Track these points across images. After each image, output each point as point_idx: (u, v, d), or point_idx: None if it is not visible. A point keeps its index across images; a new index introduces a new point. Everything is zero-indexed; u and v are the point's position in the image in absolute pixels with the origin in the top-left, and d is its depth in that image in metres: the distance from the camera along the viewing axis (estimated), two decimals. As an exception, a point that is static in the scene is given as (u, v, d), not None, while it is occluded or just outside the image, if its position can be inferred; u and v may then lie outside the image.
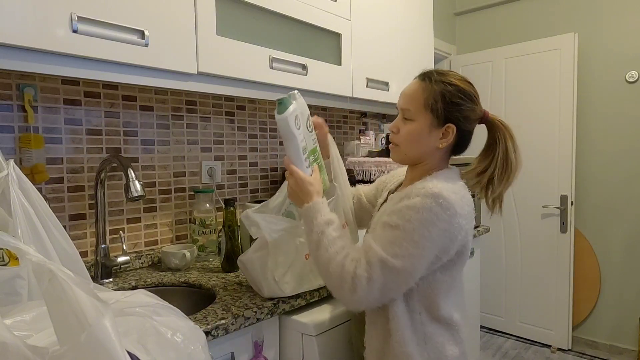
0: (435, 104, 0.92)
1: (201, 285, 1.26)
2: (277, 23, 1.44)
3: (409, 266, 0.83)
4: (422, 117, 0.93)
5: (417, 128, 0.94)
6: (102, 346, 0.44)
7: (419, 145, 0.95)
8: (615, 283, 2.69)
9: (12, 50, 0.90)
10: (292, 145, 0.94)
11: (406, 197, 0.87)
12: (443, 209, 0.83)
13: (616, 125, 2.65)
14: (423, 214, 0.83)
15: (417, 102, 0.93)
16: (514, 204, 2.94)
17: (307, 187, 0.94)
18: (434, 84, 0.93)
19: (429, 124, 0.93)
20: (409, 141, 0.95)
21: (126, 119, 1.42)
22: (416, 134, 0.94)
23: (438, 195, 0.84)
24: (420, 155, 0.96)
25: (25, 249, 0.51)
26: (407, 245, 0.83)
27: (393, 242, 0.84)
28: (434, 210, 0.83)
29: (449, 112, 0.92)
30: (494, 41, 3.09)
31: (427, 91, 0.93)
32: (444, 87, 0.92)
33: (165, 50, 1.12)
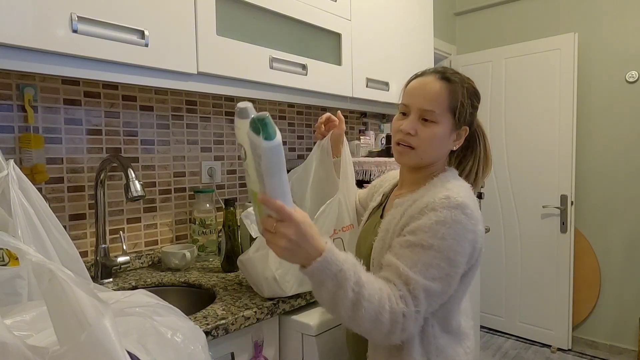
0: (461, 107, 0.88)
1: (201, 285, 1.26)
2: (277, 23, 1.44)
3: (447, 286, 0.80)
4: (446, 120, 0.88)
5: (441, 131, 0.88)
6: (102, 346, 0.44)
7: (439, 149, 0.91)
8: (615, 283, 2.69)
9: (12, 50, 0.90)
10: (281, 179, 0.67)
11: (430, 210, 0.81)
12: (469, 218, 0.80)
13: (616, 125, 2.65)
14: (455, 228, 0.79)
15: (443, 104, 0.88)
16: (514, 204, 2.94)
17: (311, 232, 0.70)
18: (457, 85, 0.89)
19: (450, 127, 0.89)
20: (431, 145, 0.89)
21: (126, 119, 1.42)
22: (440, 137, 0.89)
23: (465, 205, 0.81)
24: (435, 158, 0.92)
25: (25, 249, 0.51)
26: (444, 265, 0.78)
27: (430, 265, 0.78)
28: (463, 222, 0.80)
29: (467, 115, 0.90)
30: (494, 41, 3.09)
31: (452, 92, 0.88)
32: (464, 88, 0.90)
33: (165, 50, 1.12)
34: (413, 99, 0.90)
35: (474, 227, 0.81)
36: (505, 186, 2.97)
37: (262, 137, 0.63)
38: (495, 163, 2.99)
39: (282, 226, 0.67)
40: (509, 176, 2.95)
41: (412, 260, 0.78)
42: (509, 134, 2.93)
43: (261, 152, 0.64)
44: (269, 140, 0.63)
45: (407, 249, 0.80)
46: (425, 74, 0.93)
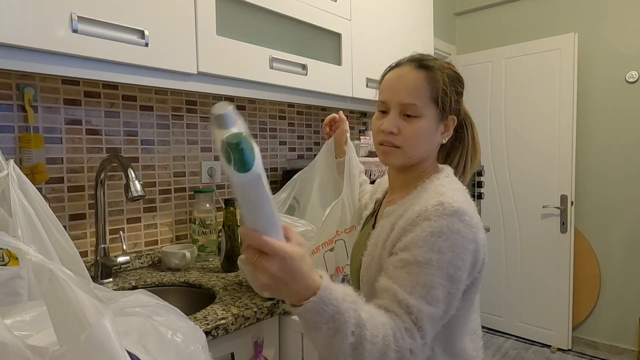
0: (444, 96, 0.80)
1: (201, 285, 1.26)
2: (277, 23, 1.44)
3: (448, 306, 0.71)
4: (430, 112, 0.80)
5: (426, 125, 0.80)
6: (102, 346, 0.44)
7: (427, 145, 0.83)
8: (615, 283, 2.69)
9: (12, 50, 0.90)
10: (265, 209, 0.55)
11: (423, 219, 0.72)
12: (468, 226, 0.71)
13: (616, 125, 2.65)
14: (453, 239, 0.70)
15: (424, 95, 0.79)
16: (514, 204, 2.94)
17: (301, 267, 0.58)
18: (437, 72, 0.80)
19: (435, 119, 0.81)
20: (417, 141, 0.81)
21: (126, 119, 1.42)
22: (426, 132, 0.80)
23: (462, 212, 0.71)
24: (425, 155, 0.84)
25: (25, 249, 0.51)
26: (445, 283, 0.69)
27: (431, 286, 0.68)
28: (462, 231, 0.70)
29: (452, 103, 0.82)
30: (494, 41, 3.09)
31: (432, 81, 0.80)
32: (445, 74, 0.81)
33: (165, 50, 1.12)
34: (391, 94, 0.82)
35: (475, 235, 0.72)
36: (505, 186, 2.97)
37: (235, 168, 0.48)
38: (495, 163, 3.00)
39: (264, 260, 0.56)
40: (509, 176, 2.95)
41: (410, 283, 0.69)
42: (509, 134, 2.93)
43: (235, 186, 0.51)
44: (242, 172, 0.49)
45: (403, 269, 0.71)
46: (401, 65, 0.85)
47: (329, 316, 0.60)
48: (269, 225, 0.55)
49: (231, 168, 0.48)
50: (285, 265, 0.56)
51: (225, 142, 0.47)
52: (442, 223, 0.70)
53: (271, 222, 0.56)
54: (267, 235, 0.55)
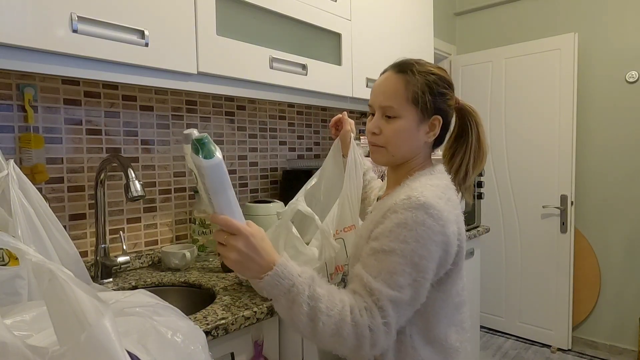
0: (423, 97, 0.84)
1: (201, 285, 1.26)
2: (277, 23, 1.44)
3: (415, 293, 0.74)
4: (409, 113, 0.85)
5: (405, 125, 0.86)
6: (102, 346, 0.44)
7: (408, 143, 0.87)
8: (615, 283, 2.69)
9: (12, 50, 0.90)
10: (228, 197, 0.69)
11: (392, 212, 0.77)
12: (434, 219, 0.75)
13: (616, 125, 2.65)
14: (418, 231, 0.74)
15: (401, 97, 0.85)
16: (514, 204, 2.94)
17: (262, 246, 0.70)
18: (416, 76, 0.85)
19: (416, 119, 0.86)
20: (398, 140, 0.87)
21: (126, 119, 1.42)
22: (405, 130, 0.86)
23: (428, 205, 0.75)
24: (409, 153, 0.89)
25: (25, 249, 0.51)
26: (410, 271, 0.73)
27: (394, 272, 0.73)
28: (426, 223, 0.74)
29: (434, 103, 0.86)
30: (494, 41, 3.09)
31: (411, 84, 0.85)
32: (427, 77, 0.86)
33: (165, 50, 1.12)
34: (374, 98, 0.90)
35: (442, 228, 0.75)
36: (505, 186, 2.97)
37: (202, 156, 0.65)
38: (495, 163, 3.00)
39: (232, 239, 0.68)
40: (509, 176, 2.95)
41: (376, 269, 0.74)
42: (509, 134, 2.93)
43: (203, 171, 0.66)
44: (208, 158, 0.65)
45: (372, 256, 0.76)
46: (386, 70, 0.91)
47: (285, 289, 0.69)
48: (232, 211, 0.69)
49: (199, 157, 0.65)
50: (249, 242, 0.68)
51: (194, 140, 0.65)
52: (408, 215, 0.75)
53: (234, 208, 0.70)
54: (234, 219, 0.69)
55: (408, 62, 0.89)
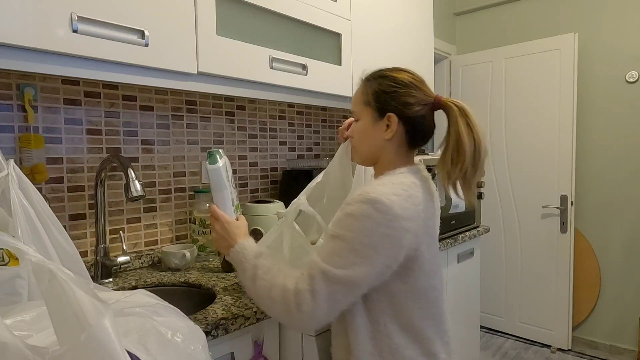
0: (373, 99, 0.94)
1: (201, 285, 1.26)
2: (277, 23, 1.44)
3: (353, 275, 0.79)
4: (364, 114, 0.96)
5: (362, 125, 0.96)
6: (102, 346, 0.44)
7: (368, 141, 0.96)
8: (615, 283, 2.69)
9: (12, 50, 0.90)
10: (223, 195, 0.97)
11: (346, 205, 0.84)
12: (381, 213, 0.80)
13: (616, 125, 2.65)
14: (362, 222, 0.80)
15: (359, 101, 0.97)
16: (514, 204, 2.94)
17: (233, 230, 0.93)
18: (371, 82, 0.96)
19: (371, 119, 0.95)
20: (360, 139, 0.97)
21: (126, 118, 1.42)
22: (362, 130, 0.96)
23: (376, 201, 0.80)
24: (373, 151, 0.96)
25: (25, 249, 0.51)
26: (349, 255, 0.79)
27: (334, 253, 0.80)
28: (372, 216, 0.80)
29: (385, 102, 0.92)
30: (494, 41, 3.09)
31: (366, 88, 0.96)
32: (379, 81, 0.94)
33: (165, 50, 1.12)
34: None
35: (389, 222, 0.80)
36: (505, 186, 2.98)
37: (208, 162, 0.96)
38: (495, 163, 3.00)
39: (214, 222, 0.96)
40: (509, 176, 2.95)
41: (322, 248, 0.84)
42: (509, 134, 2.93)
43: (208, 173, 0.96)
44: (211, 164, 0.95)
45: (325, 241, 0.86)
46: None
47: (239, 261, 0.89)
48: (224, 206, 0.97)
49: (207, 162, 0.96)
50: (223, 226, 0.94)
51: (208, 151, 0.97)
52: (356, 207, 0.82)
53: (227, 204, 0.97)
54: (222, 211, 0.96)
55: (371, 71, 0.99)
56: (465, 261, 2.03)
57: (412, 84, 0.94)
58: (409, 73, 0.96)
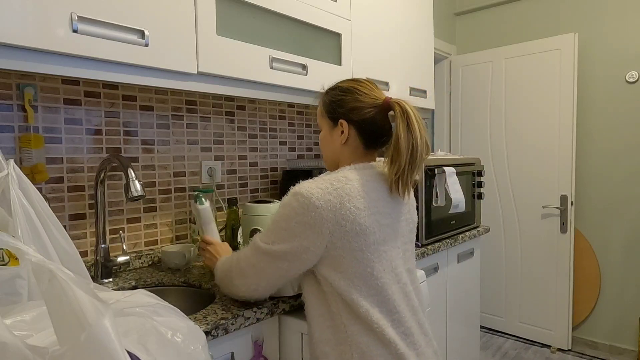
0: (326, 109, 1.05)
1: (201, 285, 1.26)
2: (277, 23, 1.44)
3: (270, 249, 0.94)
4: (323, 124, 1.07)
5: (322, 134, 1.08)
6: (102, 346, 0.44)
7: (328, 148, 1.07)
8: (615, 283, 2.69)
9: (12, 50, 0.90)
10: (212, 226, 1.30)
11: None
12: (299, 203, 0.91)
13: (616, 125, 2.65)
14: (283, 209, 0.94)
15: (318, 113, 1.09)
16: (514, 204, 2.94)
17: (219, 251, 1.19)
18: (325, 95, 1.07)
19: (328, 127, 1.05)
20: (322, 147, 1.09)
21: (126, 118, 1.42)
22: (323, 139, 1.08)
23: (297, 193, 0.92)
24: (334, 156, 1.06)
25: (25, 249, 0.51)
26: (271, 234, 0.95)
27: (265, 232, 0.98)
28: (292, 205, 0.92)
29: (334, 111, 1.03)
30: (494, 41, 3.09)
31: (321, 101, 1.08)
32: (330, 92, 1.05)
33: (166, 50, 1.12)
34: None
35: (306, 211, 0.90)
36: (505, 186, 2.98)
37: (198, 204, 1.29)
38: (495, 163, 3.00)
39: (208, 247, 1.22)
40: (509, 176, 2.95)
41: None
42: (509, 134, 2.94)
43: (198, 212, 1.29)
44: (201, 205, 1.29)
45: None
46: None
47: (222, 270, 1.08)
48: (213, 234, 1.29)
49: (196, 204, 1.29)
50: (215, 248, 1.21)
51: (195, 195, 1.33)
52: (284, 199, 0.96)
53: (215, 233, 1.30)
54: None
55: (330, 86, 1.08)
56: (465, 261, 2.03)
57: (356, 89, 1.02)
58: (357, 81, 1.05)
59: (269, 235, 0.96)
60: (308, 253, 0.92)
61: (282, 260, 0.94)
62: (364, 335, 0.91)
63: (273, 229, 0.95)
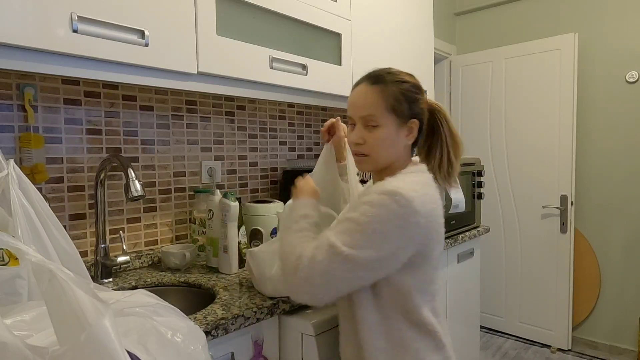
0: (398, 105, 0.92)
1: (201, 285, 1.26)
2: (277, 23, 1.44)
3: (357, 256, 0.80)
4: (388, 120, 0.92)
5: (387, 132, 0.93)
6: (102, 346, 0.44)
7: (391, 149, 0.95)
8: (615, 283, 2.69)
9: (12, 50, 0.90)
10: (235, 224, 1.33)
11: (365, 195, 0.87)
12: (399, 205, 0.81)
13: (616, 125, 2.65)
14: (378, 209, 0.82)
15: (379, 106, 0.92)
16: (514, 204, 2.94)
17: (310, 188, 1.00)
18: (390, 85, 0.93)
19: (395, 125, 0.93)
20: (382, 147, 0.94)
21: (126, 118, 1.42)
22: (387, 138, 0.93)
23: (395, 193, 0.82)
24: (392, 157, 0.96)
25: (25, 249, 0.51)
26: (359, 237, 0.81)
27: (345, 232, 0.83)
28: (390, 207, 0.81)
29: (411, 109, 0.93)
30: (494, 41, 3.09)
31: (385, 93, 0.92)
32: (400, 85, 0.93)
33: (166, 50, 1.12)
34: (353, 110, 0.96)
35: (407, 216, 0.81)
36: (505, 186, 2.98)
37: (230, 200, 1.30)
38: (495, 163, 3.00)
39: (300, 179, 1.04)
40: (509, 176, 2.95)
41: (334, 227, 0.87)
42: (509, 134, 2.94)
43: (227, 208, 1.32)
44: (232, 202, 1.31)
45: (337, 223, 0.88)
46: (359, 83, 0.97)
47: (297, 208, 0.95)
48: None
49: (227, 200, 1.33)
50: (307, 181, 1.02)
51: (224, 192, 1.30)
52: (375, 197, 0.84)
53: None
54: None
55: (380, 73, 0.95)
56: (465, 261, 2.03)
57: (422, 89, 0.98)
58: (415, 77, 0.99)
59: (355, 238, 0.81)
60: (395, 261, 0.84)
61: (366, 269, 0.82)
62: (418, 340, 0.89)
63: (361, 231, 0.81)
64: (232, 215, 1.31)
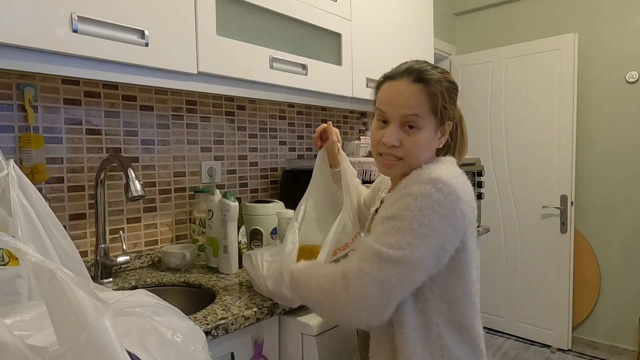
0: (443, 107, 0.84)
1: (201, 285, 1.26)
2: (277, 23, 1.44)
3: (409, 256, 0.72)
4: (430, 122, 0.84)
5: (427, 135, 0.84)
6: (102, 346, 0.44)
7: (427, 153, 0.86)
8: (615, 283, 2.69)
9: (12, 50, 0.90)
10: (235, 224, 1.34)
11: (402, 188, 0.79)
12: (444, 194, 0.74)
13: (616, 125, 2.65)
14: (422, 201, 0.74)
15: (424, 106, 0.82)
16: (514, 204, 2.94)
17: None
18: (435, 85, 0.83)
19: (434, 128, 0.85)
20: (419, 152, 0.84)
21: (126, 118, 1.42)
22: (426, 142, 0.84)
23: (437, 180, 0.75)
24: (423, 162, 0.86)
25: (25, 249, 0.51)
26: (405, 234, 0.73)
27: (388, 233, 0.75)
28: (434, 196, 0.74)
29: (449, 111, 0.86)
30: (494, 41, 3.09)
31: (431, 94, 0.83)
32: (442, 85, 0.84)
33: (166, 50, 1.12)
34: (392, 108, 0.84)
35: (451, 204, 0.74)
36: (505, 186, 2.97)
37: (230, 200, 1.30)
38: (495, 163, 3.00)
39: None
40: (509, 176, 2.95)
41: (374, 231, 0.78)
42: (509, 134, 2.93)
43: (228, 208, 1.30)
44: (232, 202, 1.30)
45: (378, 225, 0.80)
46: (398, 78, 0.86)
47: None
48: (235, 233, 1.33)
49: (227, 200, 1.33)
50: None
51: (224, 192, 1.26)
52: (416, 187, 0.76)
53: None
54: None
55: (422, 69, 0.85)
56: (465, 261, 2.03)
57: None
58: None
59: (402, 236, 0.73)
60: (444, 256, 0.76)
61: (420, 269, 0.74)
62: (459, 348, 0.82)
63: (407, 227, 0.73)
64: (232, 215, 1.30)
